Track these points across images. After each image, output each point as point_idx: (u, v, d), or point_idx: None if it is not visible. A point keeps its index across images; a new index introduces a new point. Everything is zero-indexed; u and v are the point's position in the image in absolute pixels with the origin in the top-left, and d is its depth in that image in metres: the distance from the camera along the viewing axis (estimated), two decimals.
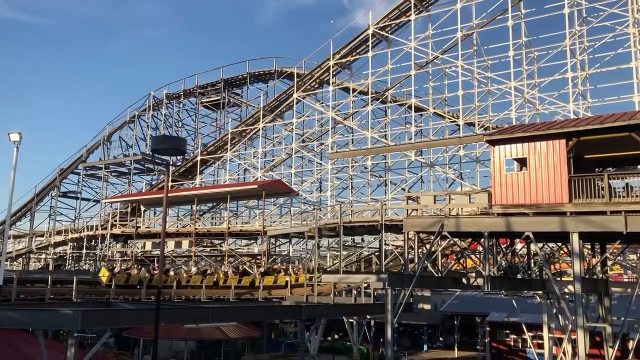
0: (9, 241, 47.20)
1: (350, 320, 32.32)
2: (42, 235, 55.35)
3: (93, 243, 47.88)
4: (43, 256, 53.23)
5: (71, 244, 50.36)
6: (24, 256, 53.90)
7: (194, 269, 36.02)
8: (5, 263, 17.52)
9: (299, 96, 46.75)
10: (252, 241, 46.09)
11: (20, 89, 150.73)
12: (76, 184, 58.41)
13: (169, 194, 23.86)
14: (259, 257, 40.14)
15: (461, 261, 27.32)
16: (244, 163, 50.75)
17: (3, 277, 15.24)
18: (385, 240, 32.49)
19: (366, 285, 28.06)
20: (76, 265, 44.38)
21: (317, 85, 47.69)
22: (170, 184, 28.49)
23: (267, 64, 55.51)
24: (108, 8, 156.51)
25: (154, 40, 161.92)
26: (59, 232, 53.12)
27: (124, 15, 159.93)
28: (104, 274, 32.09)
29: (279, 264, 41.61)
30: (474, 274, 23.86)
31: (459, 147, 40.29)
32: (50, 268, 44.58)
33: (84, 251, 46.87)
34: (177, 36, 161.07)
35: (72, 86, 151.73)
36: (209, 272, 36.04)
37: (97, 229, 47.63)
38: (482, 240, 21.45)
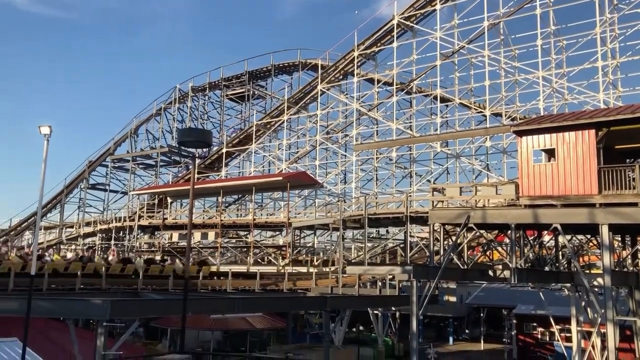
0: (40, 232, 48.22)
1: (375, 312, 32.32)
2: (71, 227, 56.55)
3: (121, 234, 48.75)
4: (73, 247, 54.32)
5: (100, 235, 51.38)
6: (54, 247, 55.07)
7: (70, 255, 31.80)
8: (37, 253, 17.89)
9: (323, 88, 46.64)
10: (277, 233, 46.34)
11: (46, 82, 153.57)
12: (104, 176, 59.38)
13: (195, 186, 24.07)
14: (284, 249, 40.39)
15: (487, 253, 27.04)
16: (269, 155, 50.95)
17: (36, 268, 15.59)
18: (410, 232, 32.36)
19: (391, 277, 28.02)
20: (104, 255, 45.09)
21: (341, 77, 47.50)
22: (196, 176, 28.62)
23: (292, 55, 55.45)
24: (130, 3, 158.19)
25: (177, 34, 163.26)
26: (88, 224, 54.17)
27: (147, 9, 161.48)
28: None
29: (304, 255, 41.82)
30: (500, 266, 23.60)
31: (486, 138, 39.76)
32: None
33: (112, 242, 47.70)
34: (200, 30, 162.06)
35: (98, 79, 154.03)
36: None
37: (125, 221, 48.44)
38: (509, 232, 21.21)
